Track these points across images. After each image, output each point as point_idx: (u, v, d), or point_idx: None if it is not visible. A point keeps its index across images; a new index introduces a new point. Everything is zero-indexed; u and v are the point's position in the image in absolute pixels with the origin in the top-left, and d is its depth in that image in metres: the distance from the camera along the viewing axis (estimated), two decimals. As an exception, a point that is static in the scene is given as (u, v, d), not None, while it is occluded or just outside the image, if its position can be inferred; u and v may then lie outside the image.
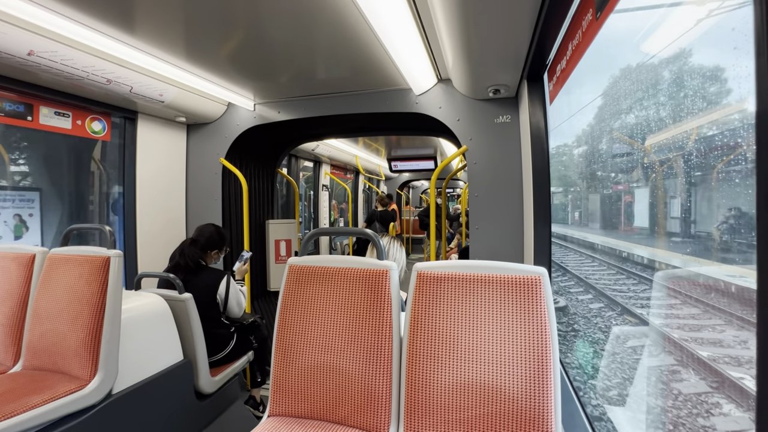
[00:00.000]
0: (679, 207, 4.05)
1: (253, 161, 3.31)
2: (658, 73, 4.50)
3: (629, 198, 6.48)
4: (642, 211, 5.95)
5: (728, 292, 3.11)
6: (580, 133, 8.67)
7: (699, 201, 3.73)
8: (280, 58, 2.01)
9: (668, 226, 4.50)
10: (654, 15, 3.77)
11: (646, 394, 2.93)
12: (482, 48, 1.57)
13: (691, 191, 3.71)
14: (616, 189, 7.07)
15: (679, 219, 4.11)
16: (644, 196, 5.67)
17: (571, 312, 5.43)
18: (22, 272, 1.66)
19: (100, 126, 2.43)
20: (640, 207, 6.03)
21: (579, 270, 7.24)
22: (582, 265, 7.79)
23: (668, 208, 4.38)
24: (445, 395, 1.03)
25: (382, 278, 1.15)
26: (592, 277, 6.60)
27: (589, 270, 7.23)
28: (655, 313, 4.36)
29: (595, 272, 7.00)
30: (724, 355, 2.75)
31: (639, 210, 6.16)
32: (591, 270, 7.20)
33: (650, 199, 5.32)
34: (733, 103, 2.95)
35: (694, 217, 3.86)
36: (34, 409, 1.23)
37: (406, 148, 5.77)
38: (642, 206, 5.85)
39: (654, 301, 4.88)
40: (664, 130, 4.32)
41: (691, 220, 3.92)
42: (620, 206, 7.07)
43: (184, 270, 2.06)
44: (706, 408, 2.39)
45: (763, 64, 0.34)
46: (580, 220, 10.33)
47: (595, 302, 5.49)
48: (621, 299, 5.11)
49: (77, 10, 1.51)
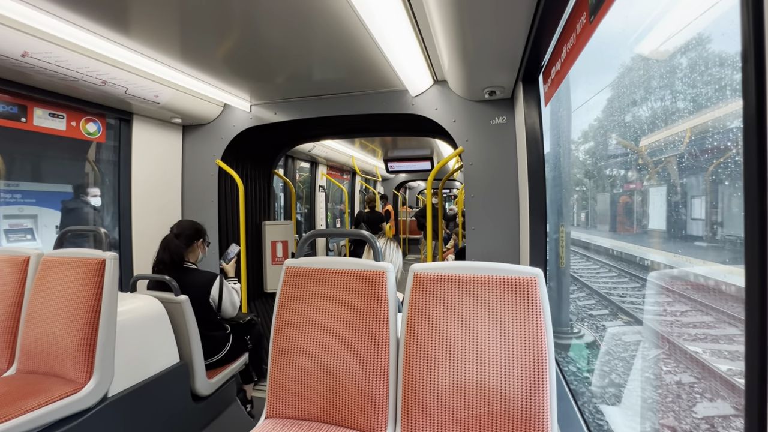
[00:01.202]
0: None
1: (249, 162, 3.30)
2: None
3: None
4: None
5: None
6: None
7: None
8: (276, 59, 2.01)
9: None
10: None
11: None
12: (478, 49, 1.58)
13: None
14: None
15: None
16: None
17: (603, 351, 3.92)
18: (16, 275, 1.65)
19: (95, 127, 2.42)
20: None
21: (616, 293, 4.99)
22: (621, 286, 5.70)
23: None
24: (442, 396, 1.04)
25: (378, 279, 1.16)
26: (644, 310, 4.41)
27: (633, 296, 4.92)
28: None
29: (643, 299, 4.76)
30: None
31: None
32: (635, 296, 4.87)
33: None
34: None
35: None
36: (29, 413, 1.22)
37: (402, 149, 5.78)
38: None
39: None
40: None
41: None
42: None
43: (170, 267, 2.01)
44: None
45: (750, 69, 0.35)
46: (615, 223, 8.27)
47: (651, 348, 3.69)
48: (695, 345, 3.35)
49: (72, 11, 1.50)
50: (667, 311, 4.02)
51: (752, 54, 0.34)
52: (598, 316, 4.70)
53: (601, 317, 4.61)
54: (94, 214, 2.60)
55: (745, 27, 0.36)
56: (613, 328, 4.37)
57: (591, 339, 4.22)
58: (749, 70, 0.34)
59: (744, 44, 0.36)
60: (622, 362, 3.67)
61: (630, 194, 7.93)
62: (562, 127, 4.42)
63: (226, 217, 3.03)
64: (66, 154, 2.48)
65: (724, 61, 5.10)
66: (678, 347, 3.36)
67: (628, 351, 3.80)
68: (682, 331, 3.60)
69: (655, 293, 4.49)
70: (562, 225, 4.42)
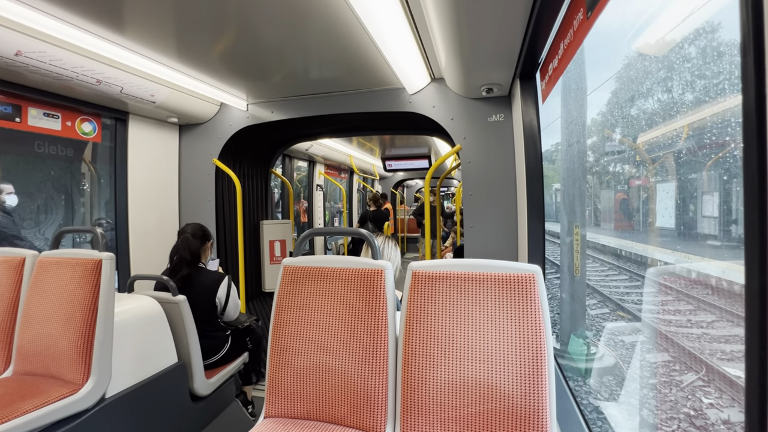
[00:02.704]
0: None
1: (246, 162, 3.29)
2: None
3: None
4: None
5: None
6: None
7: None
8: (272, 57, 2.00)
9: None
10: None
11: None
12: (475, 46, 1.58)
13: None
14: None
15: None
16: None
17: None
18: (11, 276, 1.64)
19: (91, 127, 2.40)
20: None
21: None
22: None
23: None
24: (441, 393, 1.03)
25: (377, 278, 1.15)
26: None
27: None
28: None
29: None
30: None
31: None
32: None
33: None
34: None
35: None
36: (26, 415, 1.21)
37: (400, 148, 5.77)
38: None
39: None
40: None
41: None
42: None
43: (189, 265, 2.07)
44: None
45: (750, 62, 0.34)
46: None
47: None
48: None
49: (66, 10, 1.49)
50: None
51: (752, 47, 0.33)
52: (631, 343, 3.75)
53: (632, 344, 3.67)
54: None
55: (744, 20, 0.35)
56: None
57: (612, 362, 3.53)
58: (749, 62, 0.34)
59: (743, 37, 0.35)
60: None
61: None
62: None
63: (223, 216, 3.02)
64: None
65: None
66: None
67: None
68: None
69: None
70: (576, 226, 3.97)
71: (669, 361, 3.46)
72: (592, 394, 3.53)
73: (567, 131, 4.27)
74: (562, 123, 4.34)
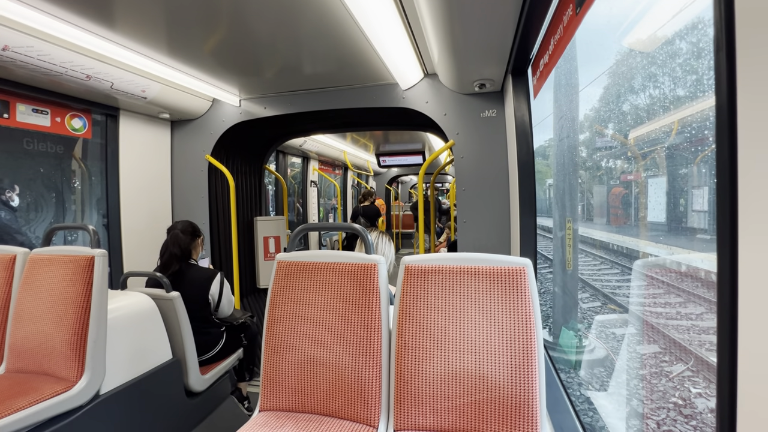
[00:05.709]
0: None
1: (239, 158, 3.28)
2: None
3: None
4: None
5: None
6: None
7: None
8: (264, 53, 1.99)
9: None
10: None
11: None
12: (467, 42, 1.58)
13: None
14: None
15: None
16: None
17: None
18: (2, 273, 1.63)
19: (81, 123, 2.37)
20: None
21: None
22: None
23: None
24: (434, 385, 1.05)
25: (370, 272, 1.16)
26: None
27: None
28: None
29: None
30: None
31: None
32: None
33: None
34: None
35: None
36: (20, 412, 1.21)
37: (394, 144, 5.77)
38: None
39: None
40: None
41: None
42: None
43: (180, 260, 2.06)
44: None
45: (722, 58, 0.36)
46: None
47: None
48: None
49: (53, 4, 1.47)
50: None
51: (724, 43, 0.34)
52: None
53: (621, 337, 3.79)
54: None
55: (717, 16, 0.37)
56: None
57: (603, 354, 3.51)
58: (721, 59, 0.35)
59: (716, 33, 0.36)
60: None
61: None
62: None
63: (216, 213, 3.01)
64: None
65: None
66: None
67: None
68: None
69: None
70: (568, 220, 4.03)
71: (658, 352, 3.58)
72: (584, 385, 3.62)
73: (558, 127, 4.30)
74: (554, 119, 4.37)
